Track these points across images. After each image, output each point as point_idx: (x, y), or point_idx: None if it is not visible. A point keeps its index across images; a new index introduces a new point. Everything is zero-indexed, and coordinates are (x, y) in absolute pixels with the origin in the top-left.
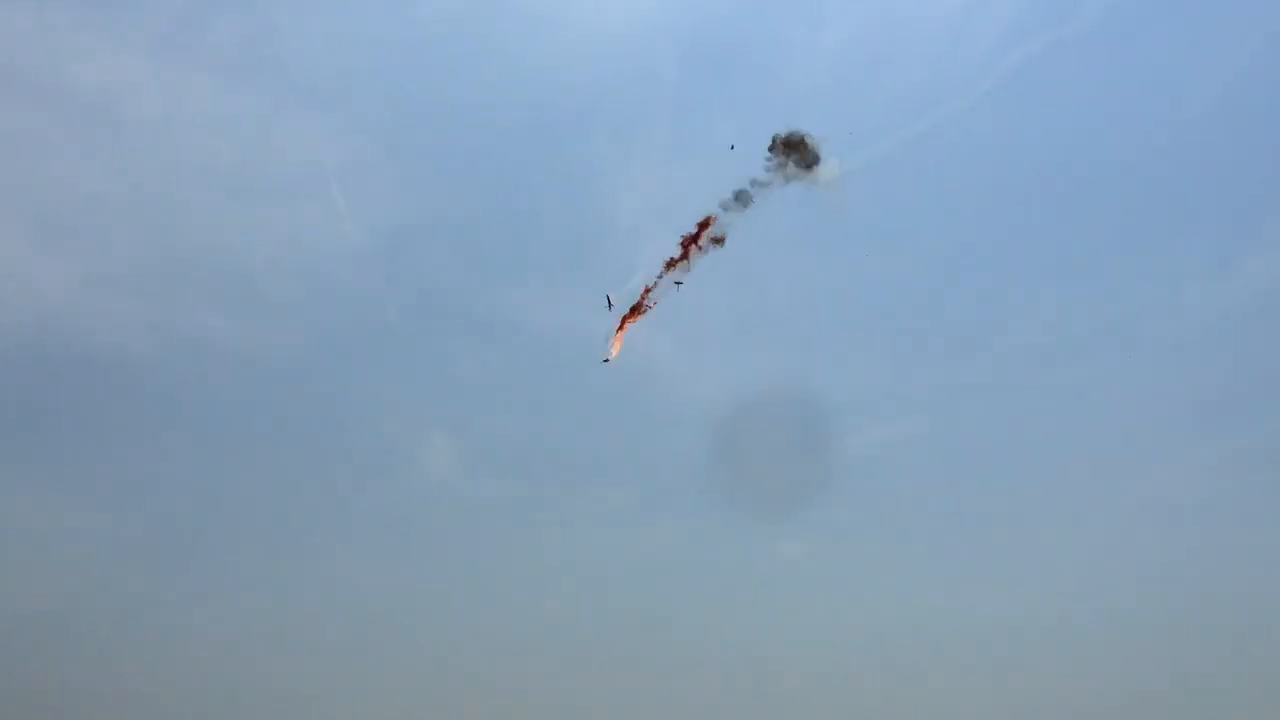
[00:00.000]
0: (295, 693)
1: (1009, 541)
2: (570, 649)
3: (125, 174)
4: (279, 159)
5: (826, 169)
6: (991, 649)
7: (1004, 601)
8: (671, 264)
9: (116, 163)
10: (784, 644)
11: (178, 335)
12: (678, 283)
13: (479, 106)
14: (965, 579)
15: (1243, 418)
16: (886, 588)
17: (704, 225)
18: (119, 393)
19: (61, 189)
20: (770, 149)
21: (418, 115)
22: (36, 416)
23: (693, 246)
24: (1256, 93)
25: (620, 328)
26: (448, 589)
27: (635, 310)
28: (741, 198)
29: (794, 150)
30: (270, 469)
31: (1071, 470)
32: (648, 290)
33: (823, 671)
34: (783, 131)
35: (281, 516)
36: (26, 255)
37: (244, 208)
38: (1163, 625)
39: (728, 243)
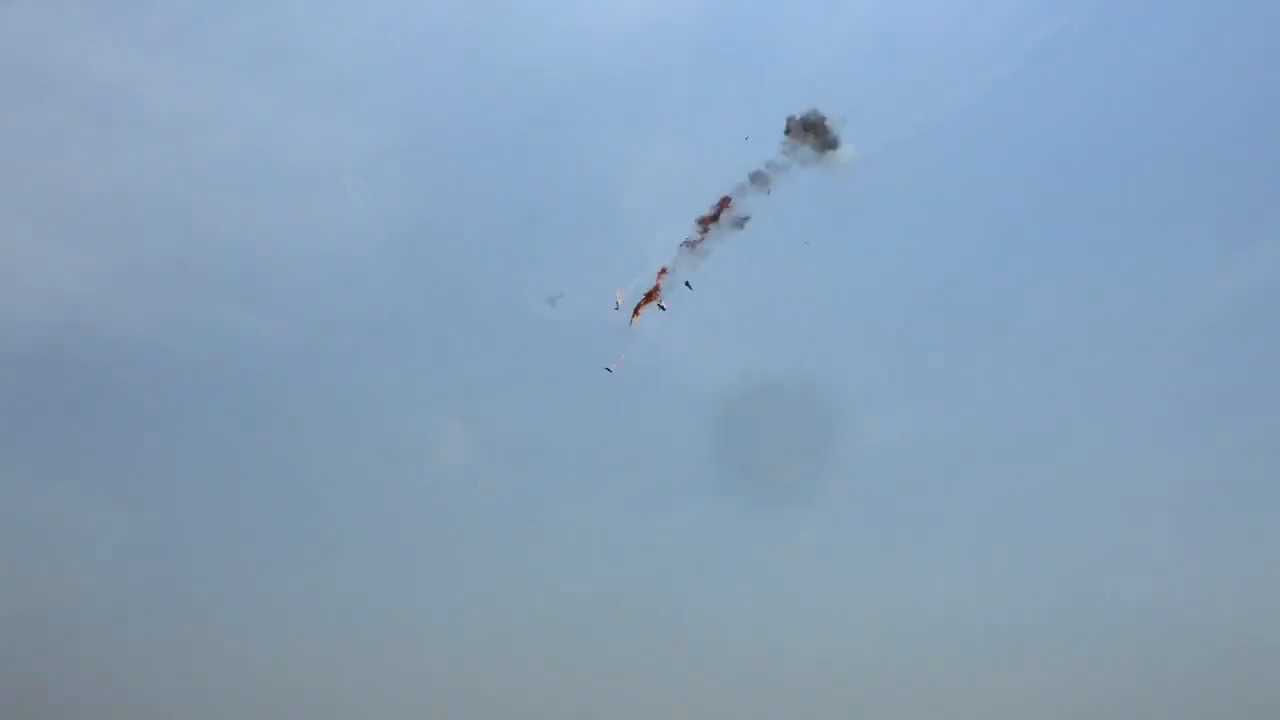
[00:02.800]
0: (311, 686)
1: (1018, 533)
2: (585, 641)
3: (139, 169)
4: (293, 154)
5: (843, 153)
6: (998, 642)
7: (1012, 595)
8: (690, 245)
9: (130, 158)
10: (797, 634)
11: (194, 329)
12: (687, 284)
13: (492, 99)
14: (976, 571)
15: (1251, 407)
16: (896, 578)
17: (723, 205)
18: (136, 387)
19: (76, 185)
20: (786, 131)
21: (432, 109)
22: (55, 412)
23: (711, 226)
24: (1267, 81)
25: (635, 312)
26: (464, 580)
27: (650, 296)
28: (758, 179)
29: (811, 132)
30: (288, 461)
31: (1081, 461)
32: (663, 273)
33: (836, 661)
34: (799, 113)
35: (300, 508)
36: (42, 251)
37: (259, 203)
38: (1173, 617)
39: (748, 225)
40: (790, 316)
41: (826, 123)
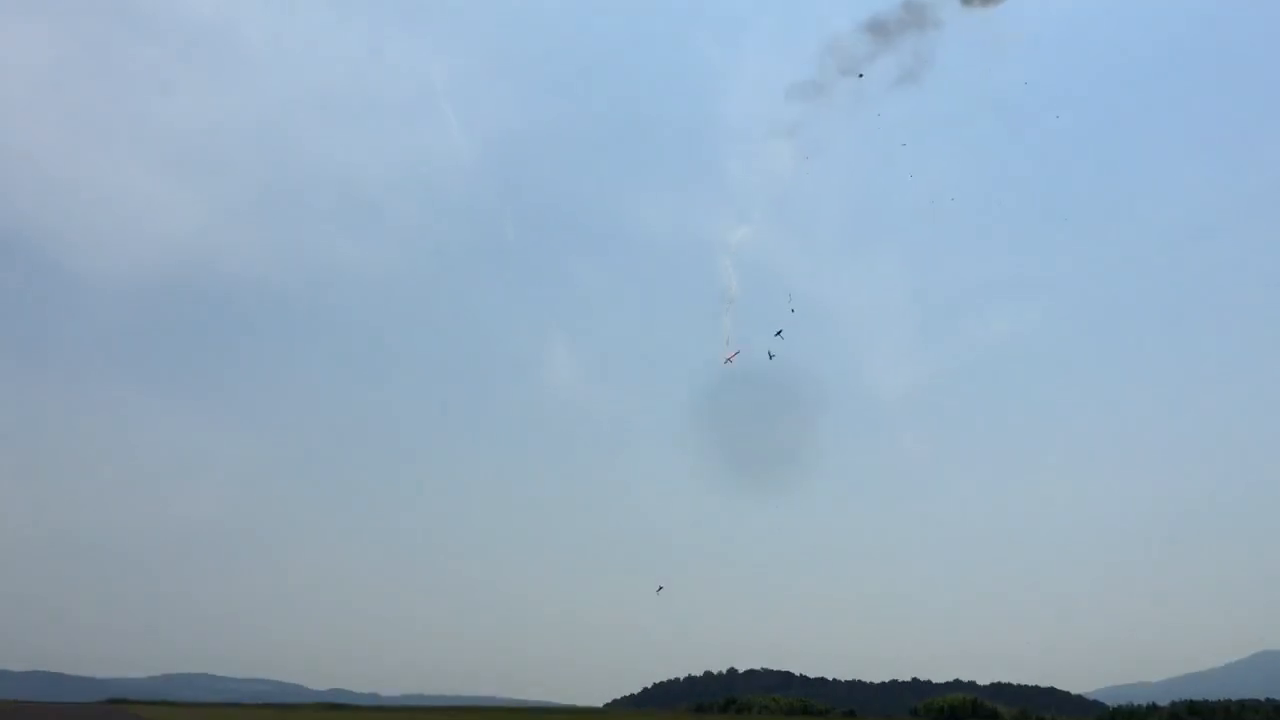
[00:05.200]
0: (437, 587)
1: (1142, 425)
2: (694, 549)
3: (241, 105)
4: (390, 79)
5: None
6: (1124, 532)
7: (1137, 486)
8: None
9: (232, 95)
10: (908, 532)
11: (305, 260)
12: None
13: (580, 12)
14: (1099, 466)
15: None
16: (1009, 476)
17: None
18: (255, 317)
19: (185, 121)
20: None
21: (521, 25)
22: (178, 343)
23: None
24: None
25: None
26: (575, 489)
27: None
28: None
29: None
30: (403, 383)
31: (1213, 346)
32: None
33: (948, 558)
34: None
35: (417, 426)
36: (157, 187)
37: (360, 130)
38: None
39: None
40: (898, 221)
41: None
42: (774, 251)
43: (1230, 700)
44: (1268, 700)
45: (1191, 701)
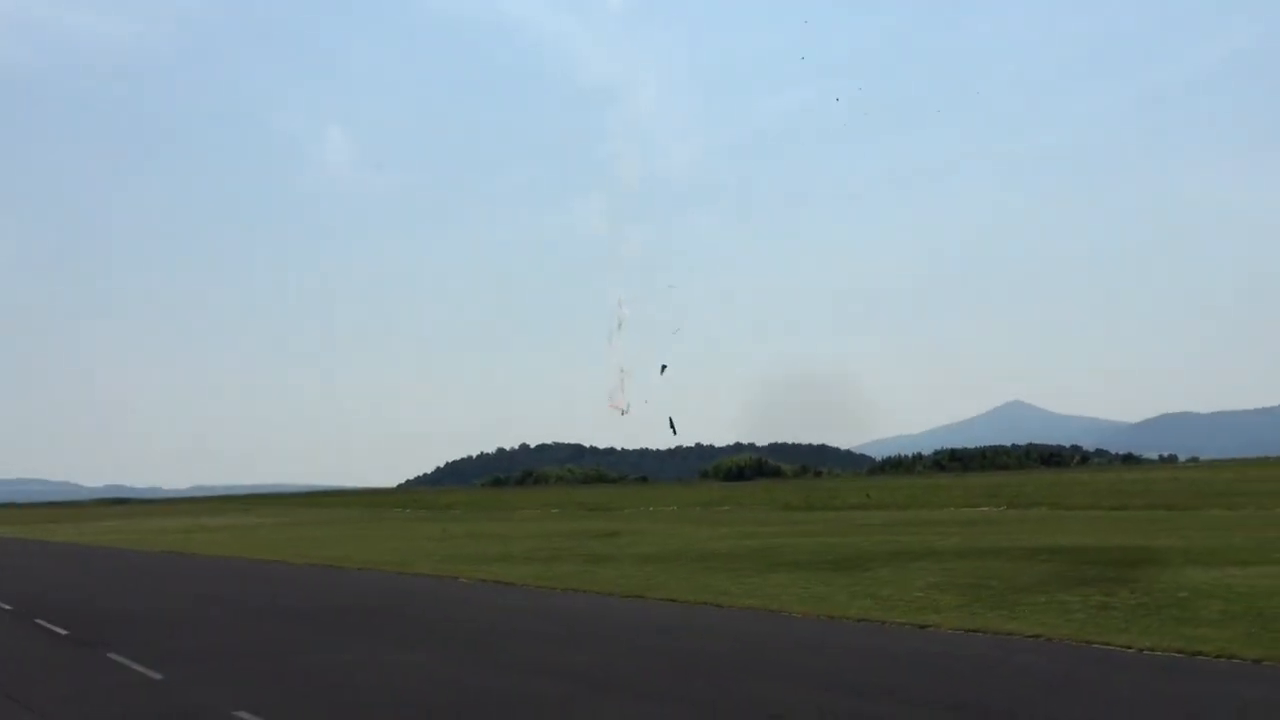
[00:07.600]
0: (218, 380)
1: (903, 189)
2: (485, 328)
3: None
4: None
5: None
6: (880, 295)
7: (896, 249)
8: None
9: None
10: (695, 310)
11: (41, 36)
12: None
13: None
14: (863, 231)
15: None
16: (782, 246)
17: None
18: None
19: None
20: None
21: None
22: None
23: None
24: None
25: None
26: (355, 276)
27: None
28: None
29: None
30: (166, 169)
31: (970, 120)
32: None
33: (717, 326)
34: None
35: (182, 215)
36: None
37: None
38: (1040, 264)
39: None
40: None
41: None
42: (557, 36)
43: (985, 446)
44: (1014, 446)
45: (952, 450)
